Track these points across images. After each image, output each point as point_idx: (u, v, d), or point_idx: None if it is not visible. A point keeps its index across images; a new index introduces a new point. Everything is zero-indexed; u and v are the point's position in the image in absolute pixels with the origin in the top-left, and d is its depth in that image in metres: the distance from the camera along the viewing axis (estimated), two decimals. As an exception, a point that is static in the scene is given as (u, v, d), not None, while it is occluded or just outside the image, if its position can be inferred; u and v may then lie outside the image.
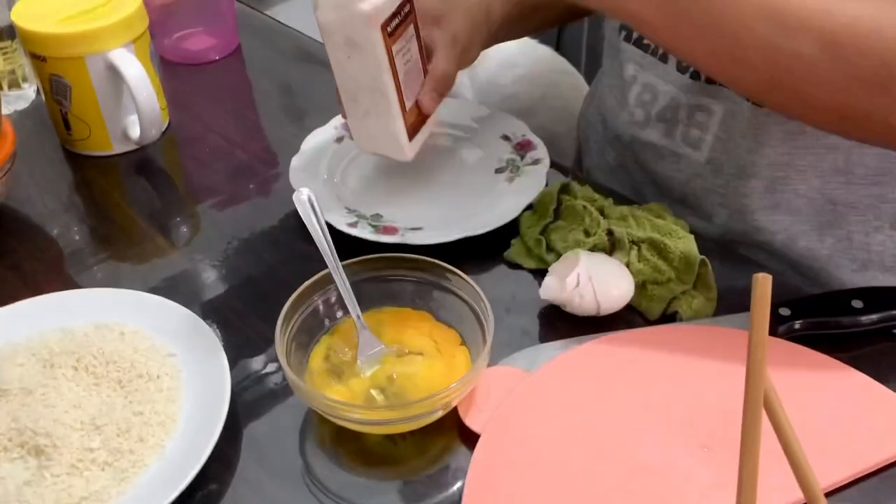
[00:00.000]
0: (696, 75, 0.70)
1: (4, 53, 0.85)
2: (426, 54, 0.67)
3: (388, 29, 0.60)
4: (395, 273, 0.59)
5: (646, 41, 0.74)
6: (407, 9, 0.62)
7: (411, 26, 0.63)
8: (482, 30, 0.70)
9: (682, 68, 0.71)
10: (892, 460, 0.50)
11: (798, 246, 0.71)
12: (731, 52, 0.53)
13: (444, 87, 0.68)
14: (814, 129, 0.65)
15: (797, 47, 0.50)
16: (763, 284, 0.36)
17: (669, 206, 0.74)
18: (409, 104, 0.65)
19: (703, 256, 0.63)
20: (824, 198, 0.69)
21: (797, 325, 0.57)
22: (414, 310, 0.59)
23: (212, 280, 0.67)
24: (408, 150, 0.67)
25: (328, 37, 0.61)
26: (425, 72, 0.67)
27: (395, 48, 0.61)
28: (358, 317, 0.56)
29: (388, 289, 0.59)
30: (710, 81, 0.69)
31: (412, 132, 0.67)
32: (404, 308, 0.59)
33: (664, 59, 0.72)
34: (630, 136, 0.77)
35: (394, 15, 0.60)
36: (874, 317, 0.58)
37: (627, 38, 0.76)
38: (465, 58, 0.70)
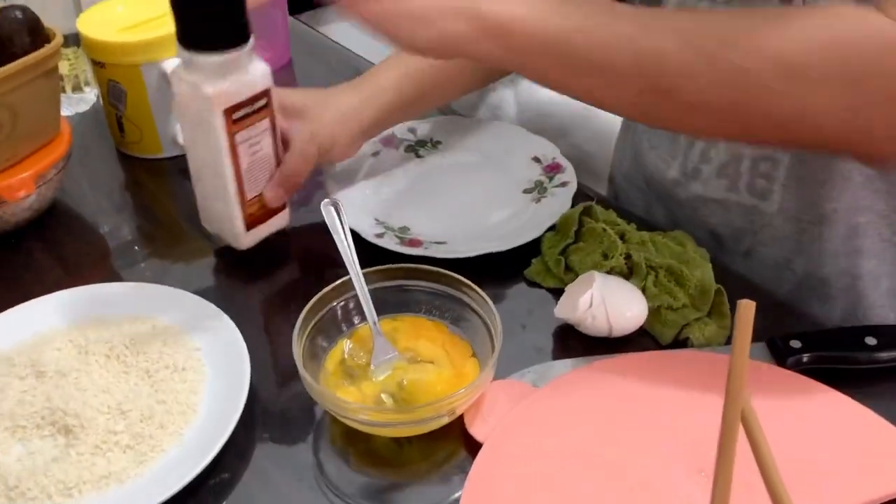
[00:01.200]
0: None
1: (69, 59, 0.90)
2: (285, 148, 0.68)
3: (234, 116, 0.62)
4: (414, 283, 0.61)
5: None
6: (262, 102, 0.64)
7: (266, 120, 0.65)
8: (351, 126, 0.71)
9: None
10: (891, 497, 0.50)
11: (881, 287, 0.69)
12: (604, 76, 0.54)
13: (289, 185, 0.68)
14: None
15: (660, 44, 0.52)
16: (746, 310, 0.37)
17: (741, 259, 0.72)
18: (251, 194, 0.67)
19: (719, 285, 0.63)
20: None
21: (805, 357, 0.57)
22: (429, 320, 0.61)
23: (243, 281, 0.71)
24: (243, 238, 0.69)
25: (182, 113, 0.65)
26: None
27: (238, 136, 0.63)
28: (374, 323, 0.59)
29: (406, 298, 0.61)
30: None
31: (252, 222, 0.68)
32: (419, 317, 0.61)
33: None
34: (686, 193, 0.74)
35: (242, 104, 0.62)
36: (892, 354, 0.58)
37: None
38: (330, 154, 0.71)
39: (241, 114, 0.63)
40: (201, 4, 0.59)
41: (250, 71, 0.63)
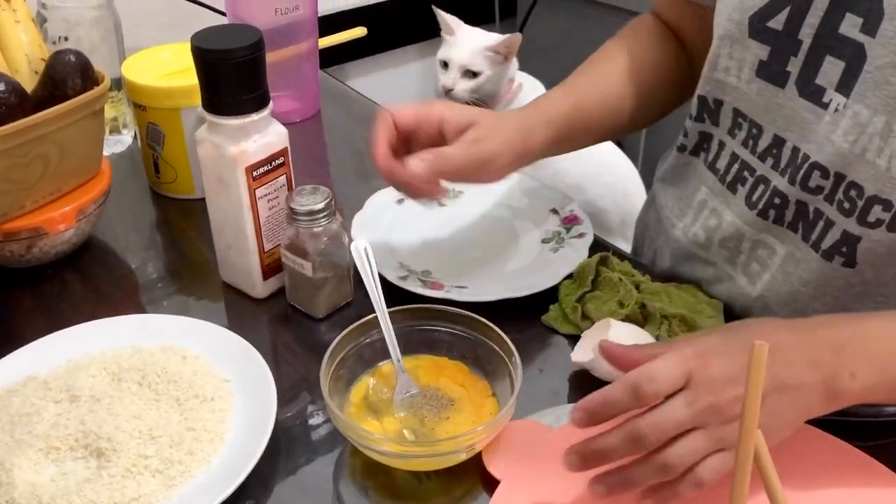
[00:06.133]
0: (764, 213, 0.67)
1: (111, 102, 0.94)
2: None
3: (254, 173, 0.67)
4: (437, 323, 0.63)
5: (718, 165, 0.71)
6: (280, 161, 0.69)
7: (283, 177, 0.70)
8: (515, 149, 0.67)
9: (751, 203, 0.68)
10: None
11: None
12: None
13: (440, 163, 0.63)
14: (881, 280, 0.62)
15: None
16: (760, 351, 0.39)
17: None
18: (269, 245, 0.71)
19: (730, 336, 0.66)
20: None
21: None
22: (449, 360, 0.63)
23: (270, 317, 0.73)
24: (260, 287, 0.73)
25: (205, 171, 0.69)
26: None
27: (258, 191, 0.68)
28: (398, 360, 0.61)
29: (429, 337, 0.64)
30: (777, 222, 0.66)
31: (269, 272, 0.72)
32: (441, 357, 0.63)
33: (732, 188, 0.70)
34: (691, 254, 0.75)
35: (262, 163, 0.67)
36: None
37: (705, 161, 0.73)
38: (485, 169, 0.65)
39: (260, 171, 0.68)
40: (225, 75, 0.65)
41: (269, 132, 0.68)
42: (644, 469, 0.50)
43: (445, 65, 1.24)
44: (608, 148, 1.25)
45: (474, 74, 1.22)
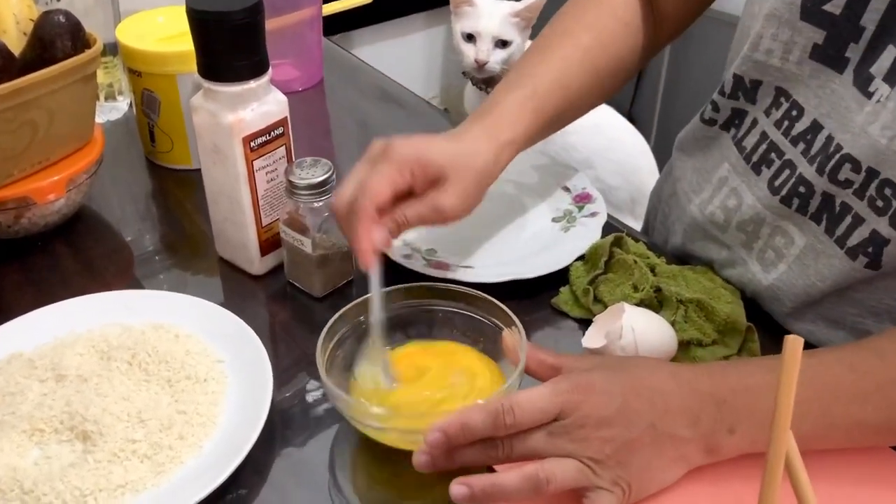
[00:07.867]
0: (787, 200, 0.63)
1: (105, 68, 0.91)
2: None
3: (252, 144, 0.64)
4: (436, 302, 0.60)
5: (745, 143, 0.68)
6: (279, 131, 0.66)
7: (282, 148, 0.66)
8: (486, 185, 0.65)
9: (774, 188, 0.64)
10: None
11: None
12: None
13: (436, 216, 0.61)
14: None
15: None
16: (794, 346, 0.36)
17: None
18: (267, 220, 0.68)
19: (750, 324, 0.63)
20: None
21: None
22: (458, 343, 0.60)
23: (268, 296, 0.70)
24: (258, 263, 0.70)
25: (200, 140, 0.66)
26: None
27: (256, 163, 0.65)
28: (379, 336, 0.58)
29: (429, 318, 0.60)
30: (800, 211, 0.63)
31: (267, 248, 0.69)
32: (442, 341, 0.60)
33: (757, 169, 0.66)
34: (705, 232, 0.72)
35: (260, 132, 0.64)
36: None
37: (733, 137, 0.70)
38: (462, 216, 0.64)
39: (258, 142, 0.64)
40: (221, 39, 0.61)
41: (268, 101, 0.65)
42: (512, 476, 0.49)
43: (470, 38, 1.18)
44: (619, 123, 1.21)
45: (504, 44, 1.17)
